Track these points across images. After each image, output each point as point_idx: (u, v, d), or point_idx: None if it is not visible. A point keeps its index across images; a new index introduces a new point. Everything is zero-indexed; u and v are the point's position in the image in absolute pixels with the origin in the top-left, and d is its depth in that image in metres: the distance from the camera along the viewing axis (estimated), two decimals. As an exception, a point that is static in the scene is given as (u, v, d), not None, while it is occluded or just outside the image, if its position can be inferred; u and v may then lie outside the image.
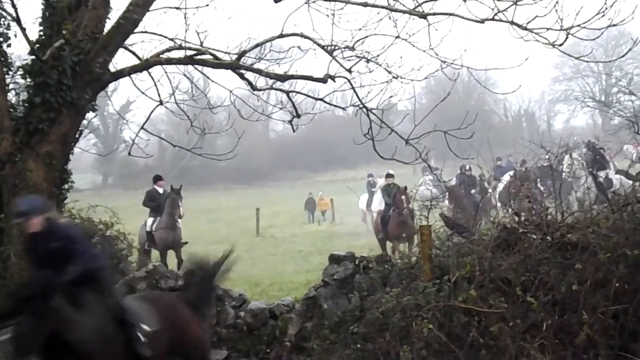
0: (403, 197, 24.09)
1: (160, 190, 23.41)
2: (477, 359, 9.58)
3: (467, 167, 30.00)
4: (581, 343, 9.31)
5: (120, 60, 13.11)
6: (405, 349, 9.90)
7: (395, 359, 10.06)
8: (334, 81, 12.62)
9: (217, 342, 12.65)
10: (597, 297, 9.50)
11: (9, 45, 12.33)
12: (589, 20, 10.95)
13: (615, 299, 9.42)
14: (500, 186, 29.14)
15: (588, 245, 9.97)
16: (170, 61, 12.93)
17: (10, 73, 12.53)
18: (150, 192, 23.64)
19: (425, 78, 12.91)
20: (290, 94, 13.54)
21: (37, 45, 11.68)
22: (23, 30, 10.78)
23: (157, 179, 23.90)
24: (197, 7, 13.26)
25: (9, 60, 12.49)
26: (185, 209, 23.11)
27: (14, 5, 10.58)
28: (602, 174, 27.39)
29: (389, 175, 26.51)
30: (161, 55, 12.84)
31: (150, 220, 22.83)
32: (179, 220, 22.72)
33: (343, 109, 15.80)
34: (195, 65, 13.38)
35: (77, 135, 12.57)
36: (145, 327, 9.10)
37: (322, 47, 12.46)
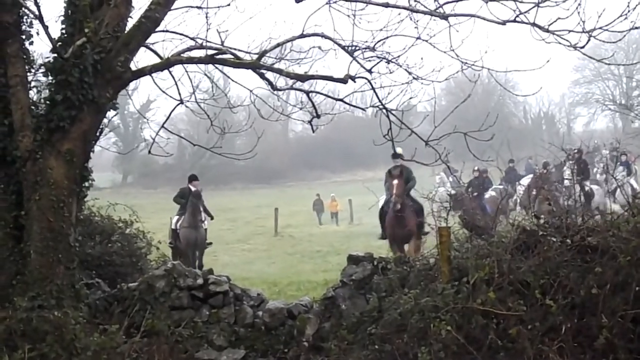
0: (396, 181, 20.59)
1: (193, 190, 23.63)
2: (496, 361, 9.57)
3: (482, 169, 29.68)
4: (600, 347, 9.26)
5: (142, 59, 13.20)
6: (423, 350, 9.89)
7: (413, 360, 10.06)
8: (354, 82, 12.61)
9: (235, 341, 12.71)
10: (617, 301, 9.45)
11: (31, 43, 12.39)
12: (611, 22, 10.88)
13: (634, 303, 9.37)
14: (520, 189, 29.04)
15: (608, 249, 9.92)
16: (191, 60, 12.96)
17: (32, 70, 12.60)
18: (183, 189, 23.93)
19: (446, 79, 12.89)
20: (310, 94, 13.54)
21: (59, 43, 11.73)
22: (45, 28, 10.82)
23: (192, 178, 24.15)
24: (218, 7, 13.32)
25: (31, 58, 12.55)
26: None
27: (36, 3, 10.61)
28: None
29: (395, 156, 21.12)
30: (182, 55, 12.88)
31: (176, 218, 23.14)
32: (205, 221, 23.02)
33: (363, 109, 15.79)
34: (216, 65, 13.39)
35: (97, 134, 12.62)
36: None
37: (343, 47, 12.45)
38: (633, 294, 9.38)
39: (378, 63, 12.48)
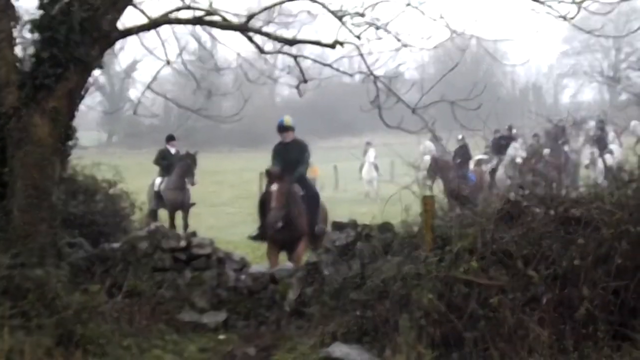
0: (274, 187, 14.92)
1: (172, 150, 23.62)
2: (476, 329, 9.60)
3: (460, 137, 29.32)
4: (581, 318, 9.32)
5: (129, 18, 13.08)
6: (405, 317, 9.92)
7: (394, 327, 10.09)
8: (343, 47, 12.58)
9: (217, 304, 12.73)
10: (599, 273, 9.50)
11: (17, -1, 12.28)
12: (602, -7, 10.90)
13: (616, 275, 9.42)
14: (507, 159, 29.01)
15: (591, 221, 9.95)
16: (178, 21, 12.88)
17: (18, 27, 12.47)
18: (162, 150, 23.83)
19: (435, 47, 12.88)
20: (298, 58, 13.49)
21: (46, -1, 11.63)
22: (33, -16, 10.74)
23: (169, 138, 24.07)
24: (207, -33, 13.19)
25: (17, 14, 12.42)
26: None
27: (23, -42, 10.53)
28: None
29: (283, 129, 16.30)
30: (170, 15, 12.78)
31: (158, 180, 23.03)
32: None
33: (350, 75, 15.72)
34: (204, 27, 13.31)
35: (83, 92, 12.52)
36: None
37: (332, 12, 12.39)
38: (615, 267, 9.43)
39: (367, 29, 12.44)
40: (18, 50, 12.42)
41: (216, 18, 12.73)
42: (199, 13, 12.73)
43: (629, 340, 9.27)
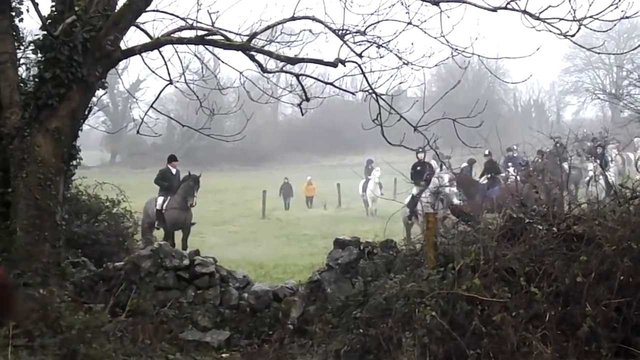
0: None
1: (174, 171, 23.66)
2: (479, 347, 9.58)
3: (487, 152, 29.00)
4: (583, 335, 9.31)
5: (132, 38, 13.13)
6: (408, 335, 9.92)
7: (397, 345, 10.07)
8: (345, 65, 12.60)
9: (220, 323, 12.73)
10: (601, 290, 9.50)
11: (21, 20, 12.34)
12: (602, 11, 10.91)
13: (619, 292, 9.42)
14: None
15: (593, 238, 9.97)
16: (181, 41, 12.92)
17: (22, 48, 12.56)
18: (163, 171, 23.87)
19: (436, 65, 12.90)
20: (300, 77, 13.53)
21: (49, 20, 11.69)
22: (35, 5, 10.78)
23: (171, 159, 24.09)
24: (209, -13, 13.23)
25: (21, 35, 12.49)
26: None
27: (26, -20, 10.59)
28: None
29: None
30: (172, 35, 12.82)
31: (160, 199, 23.05)
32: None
33: (353, 93, 15.75)
34: (206, 46, 13.35)
35: (86, 112, 12.59)
36: None
37: (334, 31, 12.42)
38: (617, 283, 9.43)
39: (368, 47, 12.47)
40: (21, 71, 12.50)
41: (218, 38, 12.76)
42: (201, 33, 12.76)
43: (632, 357, 9.26)
